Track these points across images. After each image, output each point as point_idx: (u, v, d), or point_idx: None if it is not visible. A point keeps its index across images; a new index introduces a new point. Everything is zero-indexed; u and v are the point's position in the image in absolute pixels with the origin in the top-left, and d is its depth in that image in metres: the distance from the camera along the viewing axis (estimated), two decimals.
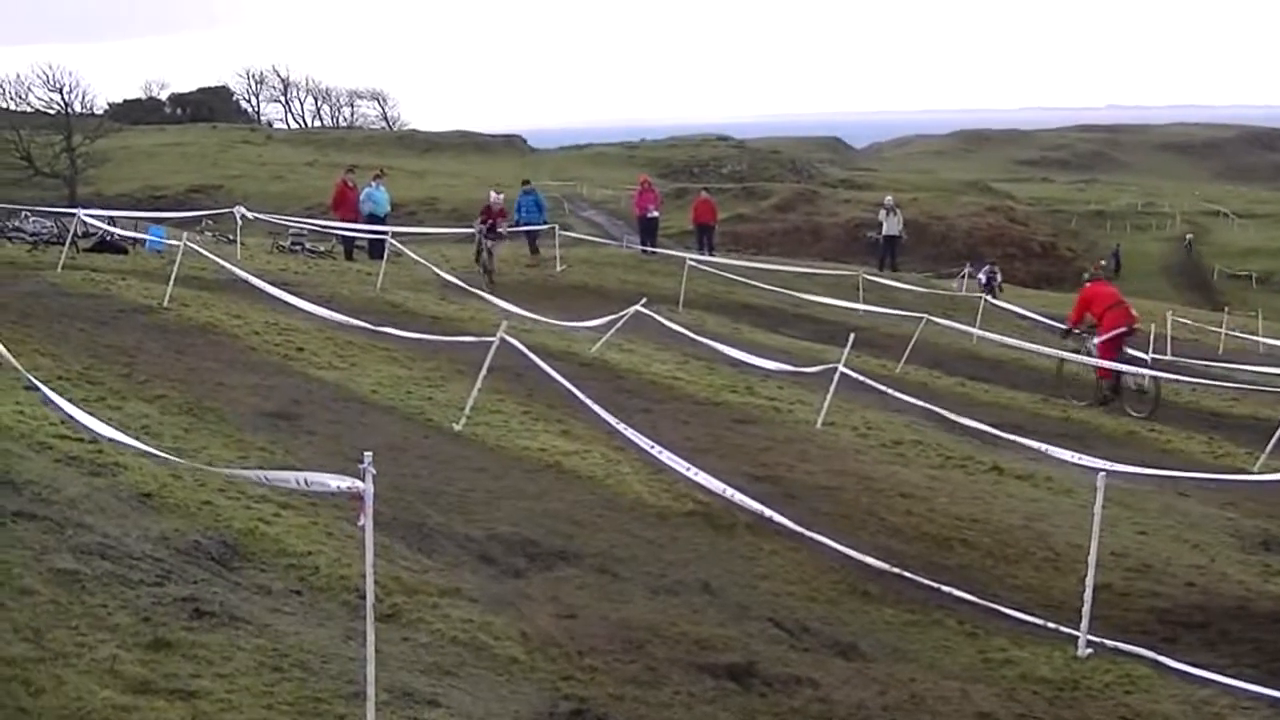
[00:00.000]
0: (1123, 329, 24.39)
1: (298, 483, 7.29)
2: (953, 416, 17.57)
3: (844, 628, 10.45)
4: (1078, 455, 13.78)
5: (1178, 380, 26.79)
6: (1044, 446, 14.36)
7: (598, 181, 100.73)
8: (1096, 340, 24.52)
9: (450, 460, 14.00)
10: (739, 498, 12.85)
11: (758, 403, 19.91)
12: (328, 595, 9.00)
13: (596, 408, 14.99)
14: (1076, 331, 25.64)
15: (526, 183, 42.13)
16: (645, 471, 14.34)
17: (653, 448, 13.17)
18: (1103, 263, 41.98)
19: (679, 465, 13.52)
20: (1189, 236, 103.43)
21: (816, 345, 27.10)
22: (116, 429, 10.45)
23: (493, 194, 36.08)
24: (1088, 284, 26.15)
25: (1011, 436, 16.30)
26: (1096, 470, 11.28)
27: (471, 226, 35.16)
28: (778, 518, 12.61)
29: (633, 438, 14.20)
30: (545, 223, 39.63)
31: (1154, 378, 24.24)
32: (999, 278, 52.55)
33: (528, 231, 39.07)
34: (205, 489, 10.55)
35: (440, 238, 44.75)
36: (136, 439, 10.49)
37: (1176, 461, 19.42)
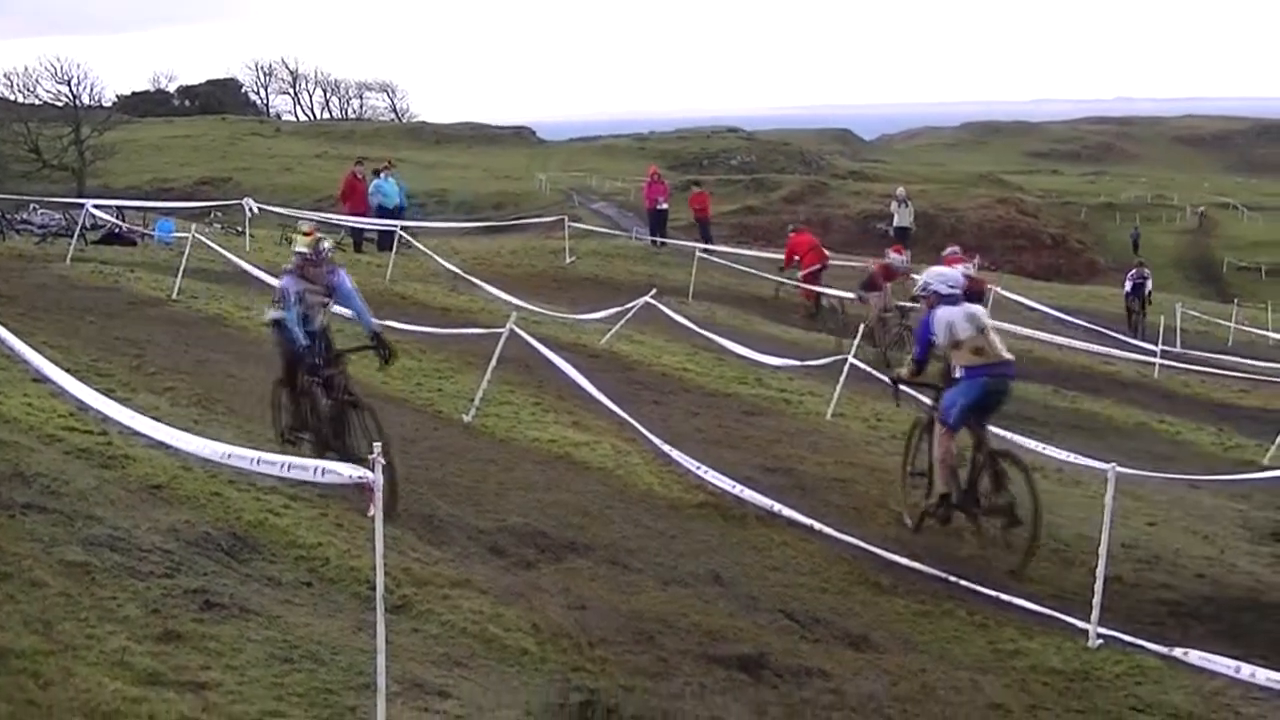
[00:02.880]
0: (817, 266, 30.75)
1: (316, 473, 7.28)
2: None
3: (855, 619, 10.45)
4: (1073, 455, 13.67)
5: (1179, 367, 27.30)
6: (1041, 446, 14.25)
7: (607, 173, 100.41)
8: (800, 273, 30.89)
9: (460, 452, 14.00)
10: (748, 494, 12.84)
11: (768, 394, 19.89)
12: (338, 587, 9.00)
13: (607, 401, 15.00)
14: (787, 269, 31.98)
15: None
16: (656, 463, 14.34)
17: (660, 442, 13.14)
18: (801, 220, 40.76)
19: (689, 464, 13.52)
20: (1201, 209, 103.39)
21: (827, 337, 27.04)
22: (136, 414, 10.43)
23: None
24: (791, 234, 33.15)
25: (1006, 434, 16.20)
26: (1102, 464, 11.27)
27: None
28: (787, 512, 12.60)
29: (643, 432, 14.21)
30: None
31: (841, 299, 28.94)
32: (1149, 284, 38.92)
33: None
34: (215, 481, 10.55)
35: (448, 231, 44.70)
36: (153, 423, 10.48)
37: (1186, 453, 19.40)
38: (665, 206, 41.92)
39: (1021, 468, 12.48)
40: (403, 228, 33.00)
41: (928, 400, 13.84)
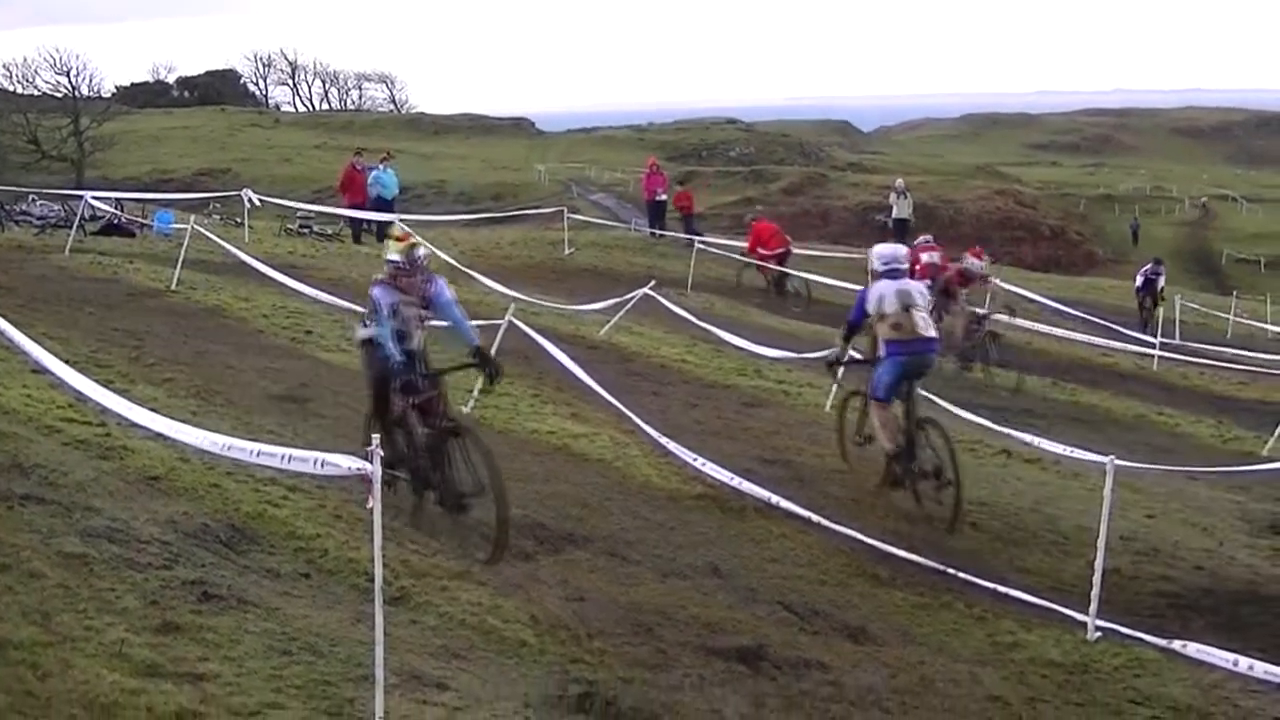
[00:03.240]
0: (780, 250, 33.17)
1: (315, 464, 7.27)
2: (956, 410, 17.48)
3: (853, 611, 10.46)
4: (1070, 449, 13.66)
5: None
6: (1037, 440, 14.26)
7: (606, 164, 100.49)
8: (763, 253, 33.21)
9: None
10: (747, 486, 12.84)
11: (767, 386, 19.90)
12: (336, 578, 9.00)
13: (603, 392, 14.99)
14: (750, 256, 34.03)
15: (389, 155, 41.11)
16: (654, 454, 14.33)
17: (658, 435, 13.12)
18: (758, 208, 40.70)
19: (686, 455, 13.52)
20: (1203, 200, 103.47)
21: (826, 328, 27.02)
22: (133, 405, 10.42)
23: None
24: (753, 222, 35.90)
25: (995, 426, 16.19)
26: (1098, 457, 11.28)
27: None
28: (784, 504, 12.60)
29: (641, 425, 14.20)
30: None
31: (805, 280, 32.07)
32: (1163, 279, 37.15)
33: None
34: (213, 472, 10.54)
35: (446, 222, 44.66)
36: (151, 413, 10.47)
37: (1185, 445, 19.41)
38: (664, 198, 41.92)
39: (942, 432, 13.55)
40: (402, 219, 33.03)
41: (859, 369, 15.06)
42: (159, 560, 8.37)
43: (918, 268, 24.44)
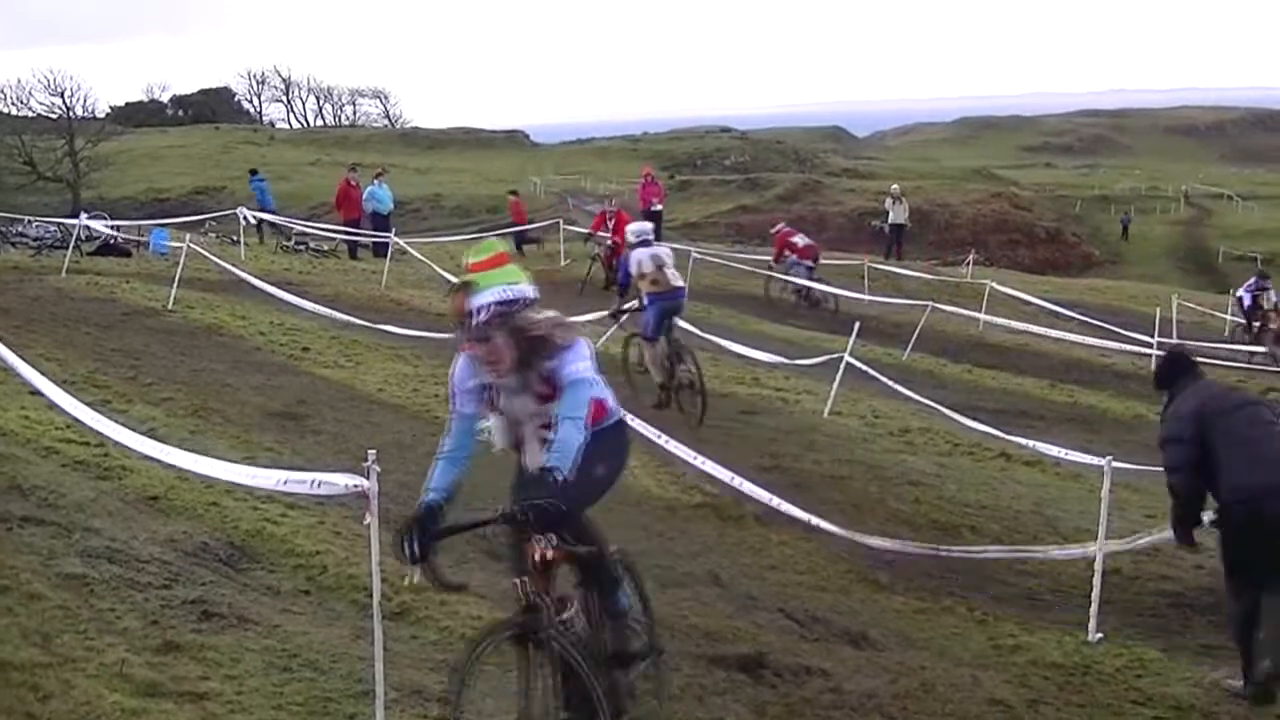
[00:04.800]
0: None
1: (312, 485, 7.27)
2: (955, 415, 17.50)
3: (854, 617, 10.45)
4: (1065, 451, 13.70)
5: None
6: (1034, 443, 14.30)
7: (601, 175, 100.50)
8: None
9: None
10: (749, 487, 12.84)
11: (765, 393, 19.92)
12: (336, 594, 9.01)
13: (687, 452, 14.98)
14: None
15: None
16: (653, 464, 14.34)
17: (659, 438, 13.09)
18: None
19: (686, 454, 13.50)
20: (1185, 189, 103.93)
21: (823, 335, 27.05)
22: (127, 431, 10.43)
23: None
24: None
25: (992, 430, 16.23)
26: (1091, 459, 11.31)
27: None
28: (785, 506, 12.60)
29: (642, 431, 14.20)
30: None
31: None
32: (1272, 294, 33.80)
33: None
34: (212, 491, 10.54)
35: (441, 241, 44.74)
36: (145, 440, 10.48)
37: None
38: (659, 208, 41.93)
39: (693, 357, 17.78)
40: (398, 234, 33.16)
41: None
42: (159, 580, 8.38)
43: (801, 246, 33.68)
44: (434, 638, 8.46)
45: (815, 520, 12.25)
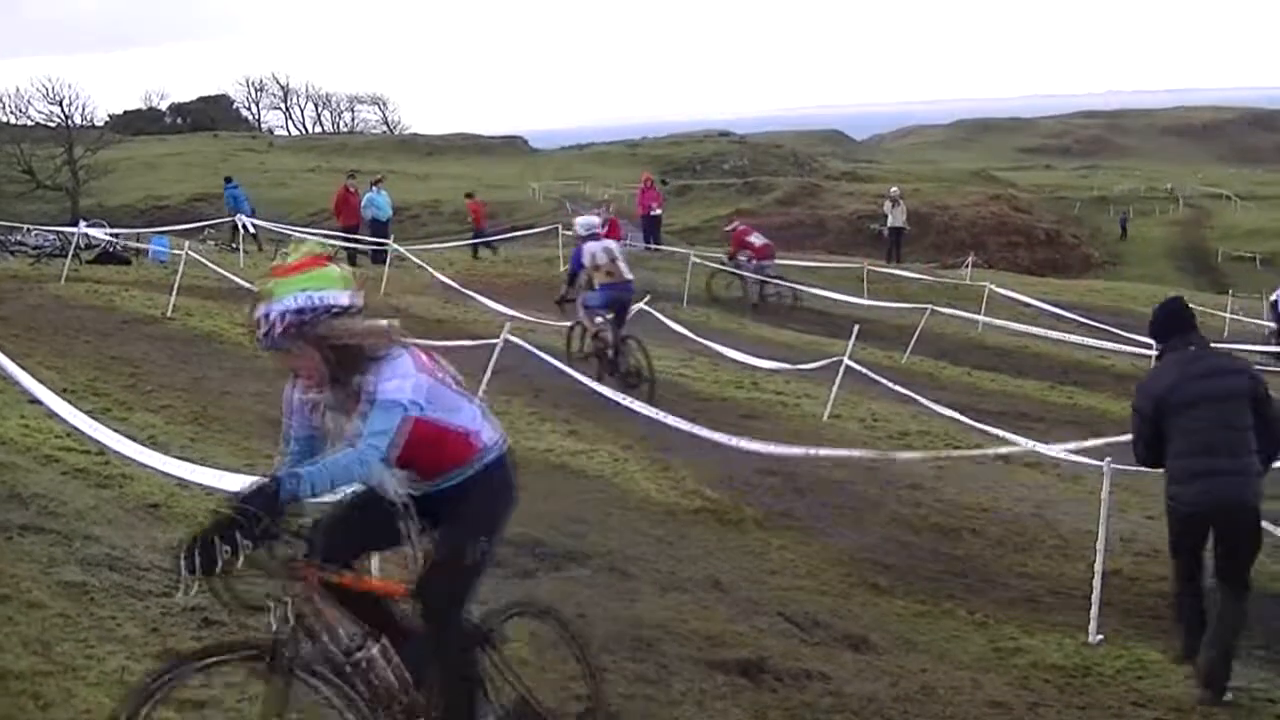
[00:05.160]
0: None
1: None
2: (955, 414, 17.50)
3: (854, 620, 10.45)
4: (1060, 447, 13.73)
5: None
6: (1030, 443, 14.30)
7: (600, 180, 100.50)
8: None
9: None
10: (672, 420, 12.85)
11: (764, 397, 19.92)
12: None
13: (609, 393, 15.00)
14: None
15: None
16: (653, 469, 14.37)
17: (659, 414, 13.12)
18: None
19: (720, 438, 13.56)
20: (1169, 186, 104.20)
21: (823, 339, 27.07)
22: (124, 439, 10.43)
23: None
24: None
25: (992, 431, 16.21)
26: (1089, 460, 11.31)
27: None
28: (704, 432, 12.61)
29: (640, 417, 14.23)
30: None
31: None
32: None
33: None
34: (212, 498, 10.51)
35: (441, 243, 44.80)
36: (143, 448, 10.48)
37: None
38: (659, 212, 42.00)
39: (640, 345, 19.08)
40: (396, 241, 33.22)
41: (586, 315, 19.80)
42: (159, 588, 8.37)
43: (758, 245, 33.70)
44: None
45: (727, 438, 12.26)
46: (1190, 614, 9.39)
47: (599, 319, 19.45)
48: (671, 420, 14.47)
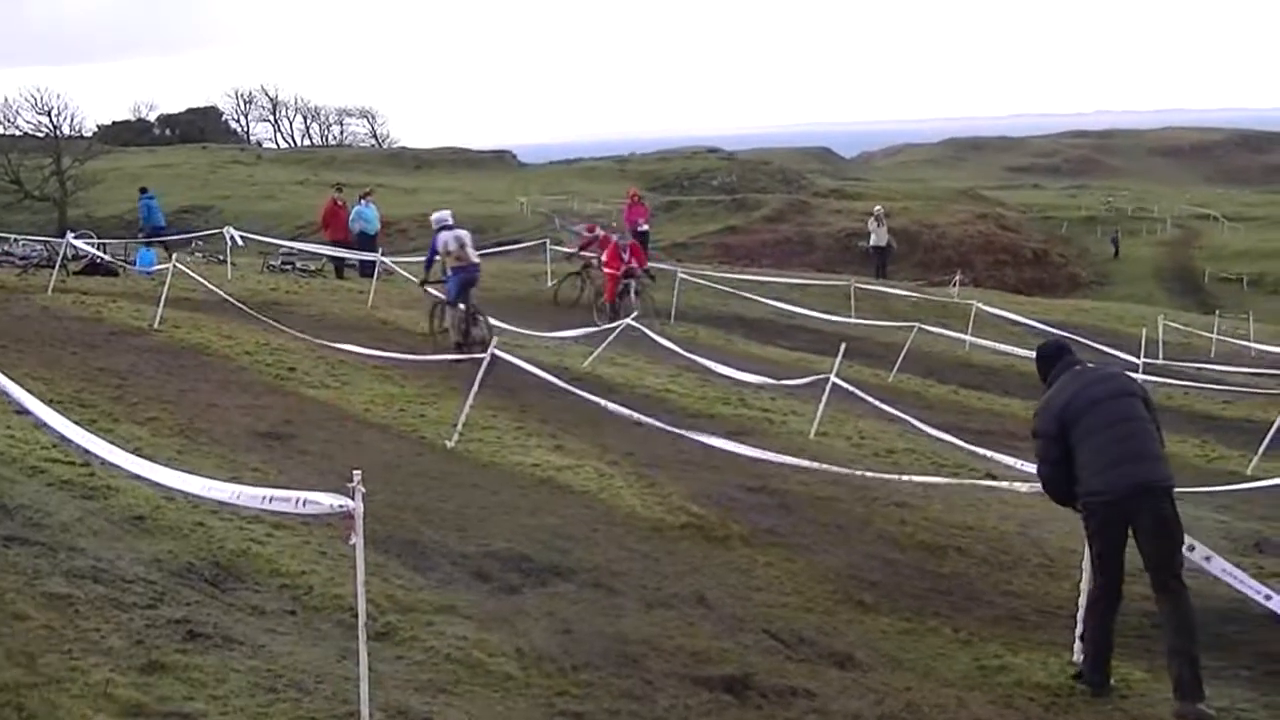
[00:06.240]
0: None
1: (297, 504, 7.26)
2: (940, 434, 17.52)
3: (840, 638, 10.45)
4: (1021, 462, 13.80)
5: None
6: (1018, 463, 14.32)
7: (588, 195, 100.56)
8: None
9: (443, 477, 14.00)
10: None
11: (751, 414, 19.93)
12: (322, 615, 8.99)
13: (607, 404, 15.01)
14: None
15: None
16: (639, 485, 14.37)
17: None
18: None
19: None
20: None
21: (810, 356, 27.11)
22: (114, 449, 10.41)
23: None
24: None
25: (978, 450, 16.25)
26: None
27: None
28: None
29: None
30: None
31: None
32: None
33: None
34: (198, 511, 10.52)
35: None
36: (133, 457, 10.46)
37: (1170, 465, 19.42)
38: (646, 228, 42.00)
39: (486, 319, 22.26)
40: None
41: (439, 293, 23.35)
42: (144, 600, 8.36)
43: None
44: (419, 658, 8.44)
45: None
46: (1100, 632, 9.57)
47: (458, 310, 22.47)
48: (657, 423, 14.49)
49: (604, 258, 30.49)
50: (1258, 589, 9.64)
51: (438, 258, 23.04)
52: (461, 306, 22.46)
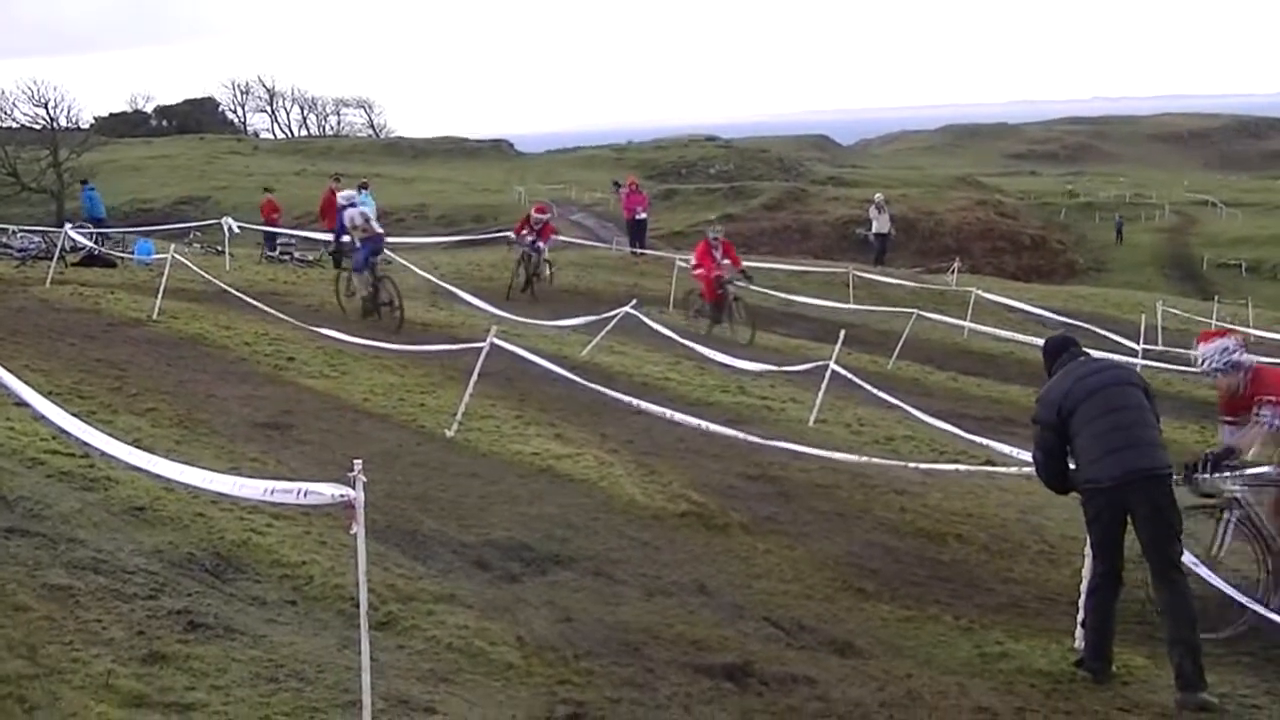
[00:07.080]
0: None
1: (298, 495, 7.25)
2: (939, 422, 17.51)
3: (840, 625, 10.45)
4: (1016, 449, 13.79)
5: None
6: (1016, 450, 14.30)
7: (586, 184, 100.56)
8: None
9: (443, 466, 13.98)
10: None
11: (750, 402, 19.91)
12: (322, 604, 8.98)
13: (604, 389, 14.99)
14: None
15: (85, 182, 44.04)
16: (639, 474, 14.35)
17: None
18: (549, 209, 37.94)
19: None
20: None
21: (809, 343, 27.11)
22: (114, 440, 10.40)
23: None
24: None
25: (977, 438, 16.24)
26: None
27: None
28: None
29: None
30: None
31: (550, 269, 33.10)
32: None
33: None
34: (198, 501, 10.51)
35: (430, 246, 44.77)
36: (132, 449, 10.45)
37: (1169, 451, 19.42)
38: (644, 216, 42.00)
39: (392, 281, 24.90)
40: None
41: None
42: (145, 590, 8.35)
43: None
44: (420, 647, 8.44)
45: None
46: (1100, 619, 9.64)
47: (365, 275, 24.96)
48: (655, 409, 14.50)
49: (693, 258, 29.31)
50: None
51: (346, 232, 25.75)
52: (369, 273, 25.00)
